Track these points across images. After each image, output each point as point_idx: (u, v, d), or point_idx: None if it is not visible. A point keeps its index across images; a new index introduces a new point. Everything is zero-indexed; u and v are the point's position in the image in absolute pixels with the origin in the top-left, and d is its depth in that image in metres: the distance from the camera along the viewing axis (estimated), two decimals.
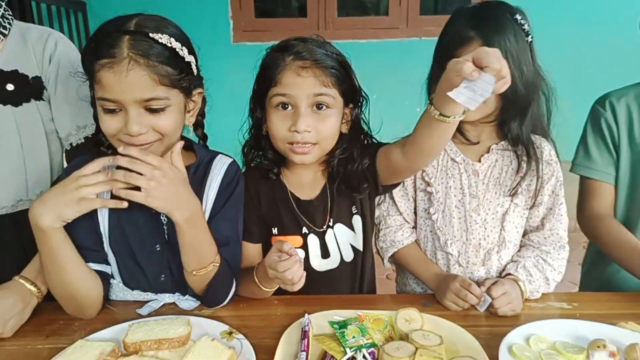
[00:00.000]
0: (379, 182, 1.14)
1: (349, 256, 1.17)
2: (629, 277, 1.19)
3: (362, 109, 1.15)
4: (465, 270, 1.18)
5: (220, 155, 1.09)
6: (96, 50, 0.88)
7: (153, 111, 0.90)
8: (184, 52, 0.92)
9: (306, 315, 0.95)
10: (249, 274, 1.06)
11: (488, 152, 1.16)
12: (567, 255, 1.17)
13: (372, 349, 0.87)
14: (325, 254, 1.15)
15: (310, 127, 1.03)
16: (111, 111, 0.90)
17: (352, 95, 1.10)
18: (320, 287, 1.11)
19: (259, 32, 3.45)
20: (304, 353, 0.84)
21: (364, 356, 0.86)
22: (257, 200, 1.14)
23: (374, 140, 1.18)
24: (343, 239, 1.16)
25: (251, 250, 1.13)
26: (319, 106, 1.04)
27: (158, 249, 1.04)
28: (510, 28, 1.03)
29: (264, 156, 1.15)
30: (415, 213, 1.24)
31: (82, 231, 0.98)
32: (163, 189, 0.89)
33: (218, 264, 0.99)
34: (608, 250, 1.25)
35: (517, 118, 1.10)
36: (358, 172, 1.12)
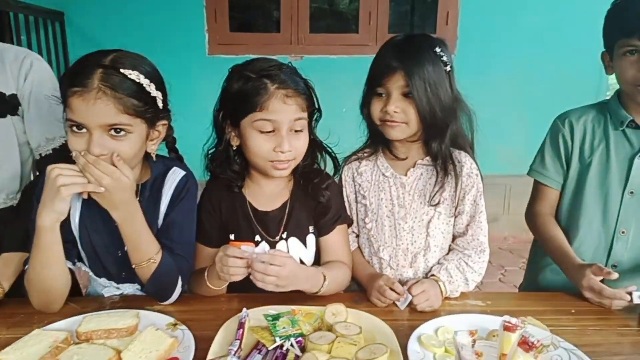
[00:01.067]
0: None
1: None
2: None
3: (316, 123, 1.26)
4: (396, 273, 1.31)
5: (174, 168, 1.20)
6: (71, 79, 0.99)
7: (115, 136, 1.00)
8: (151, 87, 1.03)
9: (244, 309, 1.07)
10: (202, 274, 1.17)
11: (414, 166, 1.30)
12: (487, 258, 1.31)
13: (299, 338, 0.99)
14: None
15: (292, 147, 1.14)
16: (77, 132, 1.00)
17: (313, 113, 1.23)
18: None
19: (233, 45, 3.54)
20: (238, 341, 0.96)
21: (291, 344, 0.98)
22: (219, 209, 1.25)
23: (329, 149, 1.29)
24: (294, 252, 1.26)
25: (208, 254, 1.23)
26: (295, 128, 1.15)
27: (120, 254, 1.15)
28: (429, 59, 1.17)
29: (229, 169, 1.23)
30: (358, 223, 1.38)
31: (64, 229, 1.06)
32: (106, 193, 1.01)
33: (156, 263, 1.10)
34: (542, 243, 1.44)
35: (437, 138, 1.24)
36: (319, 183, 1.25)
